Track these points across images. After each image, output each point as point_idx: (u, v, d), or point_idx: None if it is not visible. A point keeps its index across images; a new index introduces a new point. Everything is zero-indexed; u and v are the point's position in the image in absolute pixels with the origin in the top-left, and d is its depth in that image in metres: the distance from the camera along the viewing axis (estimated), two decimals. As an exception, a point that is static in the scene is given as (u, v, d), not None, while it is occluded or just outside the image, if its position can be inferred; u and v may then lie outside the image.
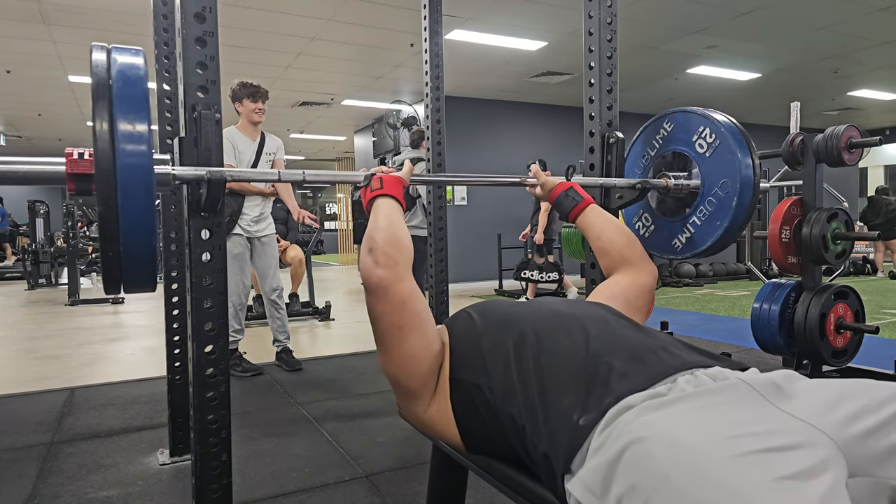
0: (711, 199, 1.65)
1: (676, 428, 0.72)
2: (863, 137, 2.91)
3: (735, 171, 1.58)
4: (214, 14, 1.24)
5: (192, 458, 1.25)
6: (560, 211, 1.51)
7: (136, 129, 1.01)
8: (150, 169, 1.02)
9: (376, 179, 1.27)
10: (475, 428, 1.03)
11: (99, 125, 0.99)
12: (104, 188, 0.99)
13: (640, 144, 1.87)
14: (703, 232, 1.68)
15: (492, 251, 8.03)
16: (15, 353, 4.44)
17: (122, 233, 1.00)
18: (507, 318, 1.08)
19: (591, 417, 0.85)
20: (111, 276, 1.05)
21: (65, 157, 1.03)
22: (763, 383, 0.80)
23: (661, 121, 1.79)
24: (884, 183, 13.64)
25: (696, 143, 1.67)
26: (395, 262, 1.07)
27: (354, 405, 2.95)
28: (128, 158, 0.99)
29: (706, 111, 1.67)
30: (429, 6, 2.44)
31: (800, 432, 0.70)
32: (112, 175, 0.98)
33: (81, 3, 5.05)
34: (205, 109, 1.20)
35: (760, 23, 6.01)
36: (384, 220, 1.16)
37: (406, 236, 1.14)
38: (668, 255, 1.82)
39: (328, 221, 22.84)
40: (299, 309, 5.70)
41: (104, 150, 0.98)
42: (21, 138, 11.65)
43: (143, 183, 1.01)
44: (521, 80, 7.96)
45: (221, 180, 1.18)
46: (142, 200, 1.01)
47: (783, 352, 2.99)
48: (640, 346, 0.96)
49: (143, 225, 1.01)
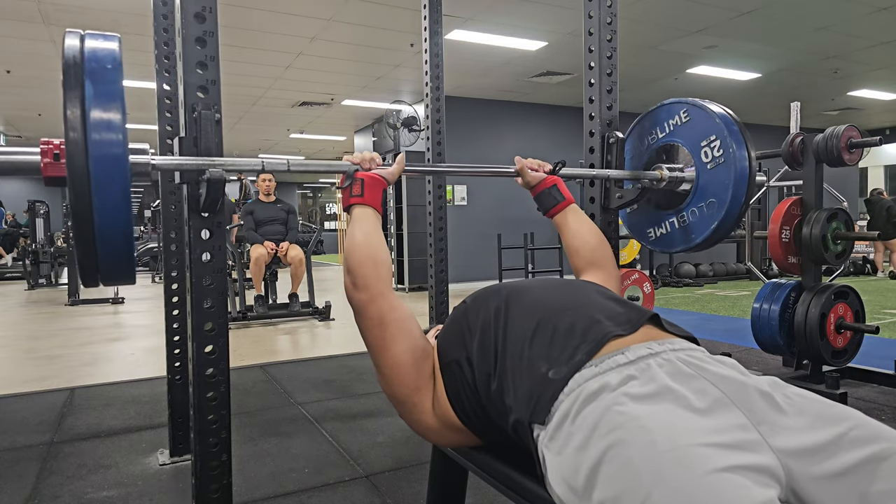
0: (705, 195, 1.63)
1: (655, 433, 0.73)
2: (863, 137, 2.91)
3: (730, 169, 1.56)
4: (214, 14, 1.24)
5: (192, 458, 1.25)
6: (540, 206, 1.54)
7: (109, 118, 0.96)
8: (125, 159, 0.97)
9: (357, 184, 1.25)
10: (468, 410, 1.05)
11: (70, 113, 0.94)
12: (77, 184, 0.94)
13: (637, 133, 1.83)
14: (694, 226, 1.66)
15: (492, 251, 8.03)
16: (15, 353, 4.44)
17: (96, 227, 0.96)
18: (493, 290, 1.13)
19: (562, 372, 0.89)
20: (88, 271, 1.02)
21: (39, 152, 1.01)
22: (736, 391, 0.80)
23: (671, 110, 1.72)
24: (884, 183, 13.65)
25: (703, 151, 1.65)
26: (370, 283, 1.11)
27: (354, 405, 2.95)
28: (101, 149, 0.95)
29: (711, 108, 1.61)
30: (429, 6, 2.44)
31: (764, 453, 0.73)
32: (85, 170, 0.94)
33: (81, 3, 5.05)
34: (205, 109, 1.20)
35: (760, 23, 6.01)
36: (360, 236, 1.17)
37: (381, 251, 1.17)
38: (641, 241, 1.83)
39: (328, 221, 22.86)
40: (299, 309, 5.70)
41: (75, 142, 0.94)
42: (21, 138, 11.65)
43: (118, 175, 0.96)
44: (521, 80, 7.96)
45: (221, 180, 1.18)
46: (116, 193, 0.96)
47: (783, 352, 2.99)
48: (610, 309, 1.00)
49: (119, 219, 0.97)
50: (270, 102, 8.97)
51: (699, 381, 0.82)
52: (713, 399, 0.79)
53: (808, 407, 0.79)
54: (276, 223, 5.80)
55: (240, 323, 5.45)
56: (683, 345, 0.93)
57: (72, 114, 0.94)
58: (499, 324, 1.03)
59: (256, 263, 5.54)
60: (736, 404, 0.78)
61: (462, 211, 8.58)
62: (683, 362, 0.86)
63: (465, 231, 8.47)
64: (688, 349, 0.91)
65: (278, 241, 5.71)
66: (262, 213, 5.78)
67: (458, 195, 8.61)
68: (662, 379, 0.82)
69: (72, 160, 0.94)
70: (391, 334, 1.08)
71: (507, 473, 1.02)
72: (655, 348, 0.90)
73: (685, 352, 0.90)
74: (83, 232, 0.97)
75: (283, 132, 11.60)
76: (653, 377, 0.83)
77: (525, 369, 0.94)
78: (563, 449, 0.82)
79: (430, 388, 1.09)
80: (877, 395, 2.91)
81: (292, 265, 5.68)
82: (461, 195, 8.64)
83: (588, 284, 1.14)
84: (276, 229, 5.77)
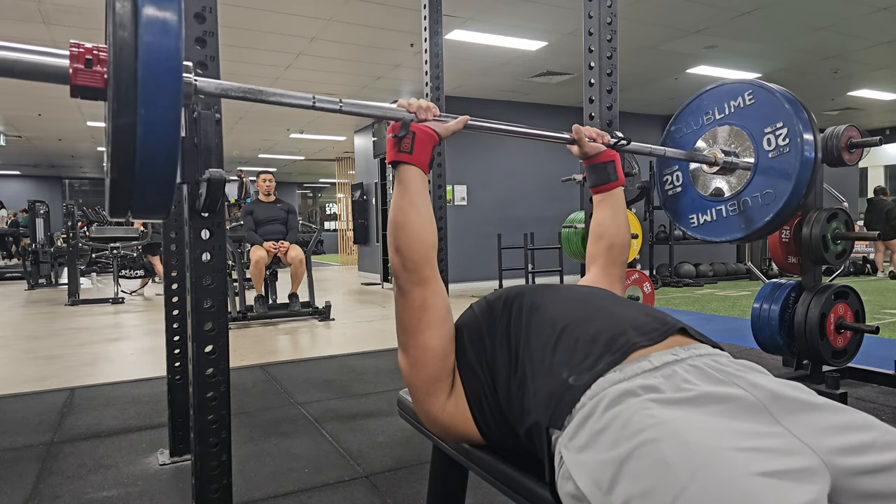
0: (762, 184, 1.52)
1: (689, 433, 0.71)
2: (863, 137, 2.91)
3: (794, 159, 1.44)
4: (214, 14, 1.24)
5: (192, 458, 1.25)
6: (590, 179, 1.47)
7: (166, 18, 0.81)
8: (179, 71, 0.83)
9: (407, 137, 1.15)
10: (485, 412, 1.04)
11: (120, 5, 0.79)
12: (122, 93, 0.80)
13: (690, 111, 1.74)
14: (747, 217, 1.56)
15: (492, 251, 8.03)
16: (15, 353, 4.44)
17: (139, 146, 0.83)
18: (515, 293, 1.11)
19: (583, 379, 0.86)
20: (119, 198, 0.89)
21: (69, 57, 0.85)
22: (768, 396, 0.78)
23: (735, 90, 1.63)
24: (884, 183, 13.64)
25: (766, 138, 1.54)
26: (421, 266, 1.08)
27: (354, 405, 2.95)
28: (154, 54, 0.80)
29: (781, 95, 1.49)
30: (429, 6, 2.44)
31: (804, 456, 0.70)
32: (133, 78, 0.80)
33: (81, 3, 5.05)
34: (205, 109, 1.20)
35: (760, 23, 6.01)
36: (411, 210, 1.10)
37: (433, 228, 1.12)
38: (681, 227, 1.73)
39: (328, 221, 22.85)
40: (299, 309, 5.70)
41: (124, 43, 0.79)
42: (21, 138, 11.65)
43: (170, 89, 0.82)
44: (520, 80, 7.96)
45: (221, 180, 1.18)
46: (166, 109, 0.82)
47: (783, 352, 2.99)
48: (636, 320, 0.97)
49: (166, 140, 0.84)
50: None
51: (728, 387, 0.80)
52: (745, 404, 0.77)
53: (838, 412, 0.78)
54: (276, 223, 5.80)
55: (240, 323, 5.45)
56: (709, 350, 0.91)
57: (122, 7, 0.79)
58: (520, 329, 1.01)
59: (257, 266, 5.54)
60: (768, 409, 0.76)
61: (462, 211, 8.58)
62: (711, 368, 0.84)
63: (465, 231, 8.47)
64: (713, 354, 0.90)
65: (278, 241, 5.71)
66: (262, 213, 5.78)
67: (458, 195, 8.60)
68: (690, 384, 0.81)
69: (119, 65, 0.79)
70: (429, 319, 1.07)
71: (507, 473, 1.02)
72: (681, 354, 0.88)
73: (711, 357, 0.88)
74: (122, 152, 0.83)
75: (283, 132, 11.60)
76: (680, 383, 0.81)
77: (546, 374, 0.92)
78: (587, 446, 0.80)
79: (449, 381, 1.08)
80: (877, 395, 2.91)
81: (292, 265, 5.68)
82: (461, 195, 8.63)
83: (612, 295, 1.12)
84: (276, 229, 5.77)
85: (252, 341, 4.72)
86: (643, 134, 9.96)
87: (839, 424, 0.75)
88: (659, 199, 1.82)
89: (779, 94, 1.53)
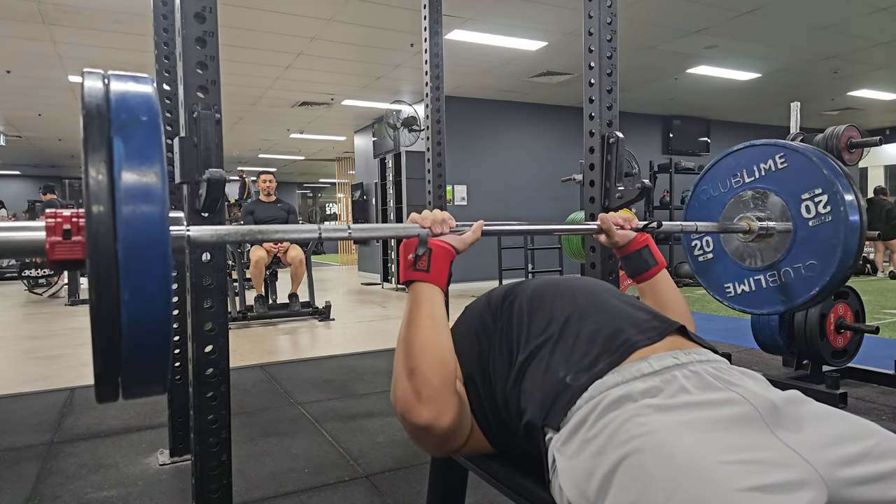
0: (804, 254, 1.40)
1: (676, 446, 0.71)
2: (863, 137, 2.91)
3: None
4: (214, 14, 1.24)
5: (192, 458, 1.25)
6: (628, 268, 1.36)
7: (147, 184, 0.67)
8: (166, 239, 0.68)
9: (424, 255, 1.04)
10: (486, 414, 1.03)
11: (94, 176, 0.65)
12: (100, 271, 0.66)
13: (718, 172, 1.64)
14: (789, 288, 1.45)
15: (492, 251, 8.03)
16: (15, 353, 4.44)
17: (124, 329, 0.68)
18: (513, 288, 1.10)
19: (581, 379, 0.86)
20: (107, 382, 0.72)
21: (44, 229, 0.71)
22: (766, 407, 0.77)
23: (766, 152, 1.50)
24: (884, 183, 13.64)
25: (804, 204, 1.43)
26: (438, 395, 0.93)
27: (354, 405, 2.95)
28: (135, 226, 0.66)
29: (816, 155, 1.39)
30: (429, 6, 2.44)
31: (797, 468, 0.70)
32: (112, 252, 0.65)
33: (81, 3, 5.05)
34: (205, 109, 1.20)
35: (760, 23, 6.01)
36: (429, 328, 0.98)
37: (449, 344, 1.00)
38: (716, 296, 1.63)
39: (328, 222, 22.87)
40: (299, 309, 5.70)
41: (100, 218, 0.65)
42: (21, 138, 11.65)
43: (156, 258, 0.67)
44: (521, 80, 7.96)
45: (221, 180, 1.18)
46: (153, 283, 0.67)
47: (783, 352, 2.99)
48: (635, 318, 0.97)
49: (155, 318, 0.69)
50: (270, 102, 8.96)
51: (726, 395, 0.79)
52: (740, 413, 0.76)
53: (835, 421, 0.78)
54: (276, 223, 5.80)
55: (240, 323, 5.45)
56: (709, 356, 0.91)
57: (95, 178, 0.66)
58: (521, 326, 1.00)
59: (257, 266, 5.54)
60: (765, 419, 0.76)
61: (462, 211, 8.58)
62: (710, 374, 0.84)
63: (465, 231, 8.46)
64: (713, 361, 0.89)
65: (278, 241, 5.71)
66: (263, 213, 5.79)
67: (458, 195, 8.60)
68: (688, 391, 0.80)
69: (95, 240, 0.66)
70: (451, 442, 0.99)
71: (507, 473, 1.02)
72: (682, 358, 0.87)
73: (711, 363, 0.88)
74: (105, 334, 0.69)
75: (283, 132, 11.60)
76: (678, 389, 0.81)
77: (544, 373, 0.92)
78: (577, 454, 0.80)
79: (468, 429, 1.04)
80: (877, 395, 2.91)
81: (292, 265, 5.68)
82: (461, 195, 8.64)
83: (612, 288, 1.09)
84: (276, 229, 5.77)
85: (252, 341, 4.72)
86: (643, 134, 9.97)
87: (836, 434, 0.75)
88: (690, 267, 1.73)
89: (815, 159, 1.42)
